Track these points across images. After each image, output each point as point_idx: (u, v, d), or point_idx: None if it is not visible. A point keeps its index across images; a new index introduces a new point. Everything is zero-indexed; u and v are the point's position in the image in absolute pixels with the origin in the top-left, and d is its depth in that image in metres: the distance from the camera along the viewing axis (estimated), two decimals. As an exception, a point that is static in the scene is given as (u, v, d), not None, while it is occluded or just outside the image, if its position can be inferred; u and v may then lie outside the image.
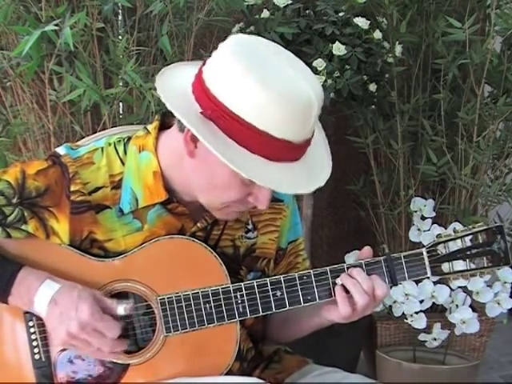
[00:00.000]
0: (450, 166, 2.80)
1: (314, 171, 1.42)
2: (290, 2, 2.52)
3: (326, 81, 2.42)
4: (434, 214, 2.73)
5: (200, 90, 1.38)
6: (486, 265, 1.52)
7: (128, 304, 1.44)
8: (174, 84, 1.43)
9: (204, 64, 1.40)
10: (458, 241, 1.51)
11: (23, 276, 1.44)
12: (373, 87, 2.56)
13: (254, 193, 1.41)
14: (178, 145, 1.44)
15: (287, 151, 1.36)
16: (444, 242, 1.51)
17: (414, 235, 2.70)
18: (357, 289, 1.46)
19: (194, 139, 1.38)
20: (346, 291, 1.47)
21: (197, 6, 2.42)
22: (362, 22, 2.51)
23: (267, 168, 1.35)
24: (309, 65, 2.41)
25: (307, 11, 2.58)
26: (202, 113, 1.35)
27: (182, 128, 1.41)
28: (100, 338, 1.41)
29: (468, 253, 1.51)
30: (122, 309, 1.44)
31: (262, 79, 1.33)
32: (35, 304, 1.43)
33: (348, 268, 1.49)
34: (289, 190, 1.39)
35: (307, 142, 1.39)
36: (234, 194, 1.41)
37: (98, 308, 1.41)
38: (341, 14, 2.52)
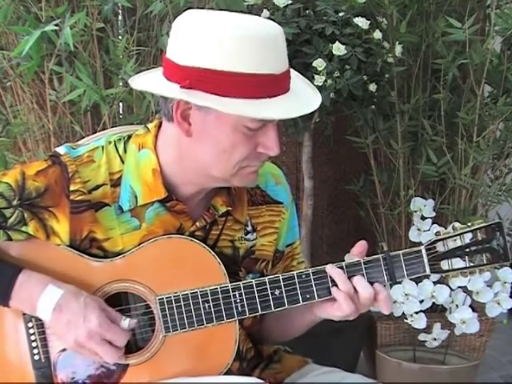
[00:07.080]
0: (449, 165, 2.80)
1: (305, 98, 1.44)
2: (289, 1, 2.52)
3: (326, 81, 2.42)
4: (433, 214, 2.73)
5: (171, 69, 1.40)
6: (485, 262, 1.51)
7: (133, 320, 1.44)
8: (147, 80, 1.47)
9: (165, 53, 1.43)
10: (457, 238, 1.51)
11: (23, 279, 1.43)
12: (373, 87, 2.56)
13: (260, 142, 1.41)
14: (172, 136, 1.45)
15: (275, 84, 1.37)
16: (443, 239, 1.51)
17: (413, 235, 2.70)
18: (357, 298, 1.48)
19: (185, 117, 1.40)
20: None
21: (197, 6, 2.42)
22: (362, 22, 2.51)
23: (264, 105, 1.36)
24: (309, 65, 2.45)
25: (307, 11, 2.57)
26: (182, 86, 1.36)
27: (170, 116, 1.42)
28: (107, 348, 1.41)
29: (467, 250, 1.50)
30: (126, 323, 1.43)
31: (224, 29, 1.36)
32: (38, 310, 1.43)
33: (347, 266, 1.50)
34: (291, 114, 1.39)
35: (287, 73, 1.41)
36: (243, 149, 1.41)
37: (106, 317, 1.42)
38: (341, 14, 2.52)
